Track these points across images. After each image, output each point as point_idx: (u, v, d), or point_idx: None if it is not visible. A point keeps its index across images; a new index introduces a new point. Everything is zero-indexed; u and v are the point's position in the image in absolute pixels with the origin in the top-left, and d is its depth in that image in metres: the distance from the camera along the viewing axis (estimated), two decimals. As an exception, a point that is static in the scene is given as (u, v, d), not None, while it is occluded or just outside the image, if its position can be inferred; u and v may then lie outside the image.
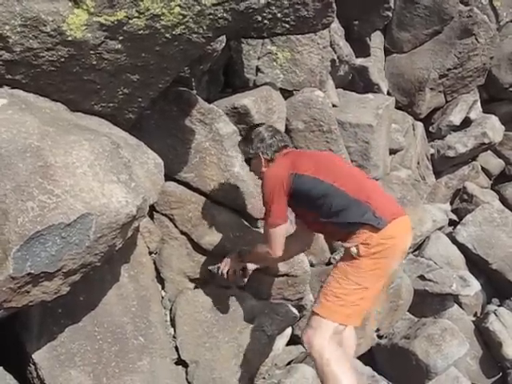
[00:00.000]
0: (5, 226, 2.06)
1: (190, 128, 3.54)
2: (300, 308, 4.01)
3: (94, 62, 2.56)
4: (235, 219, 3.71)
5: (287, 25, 3.44)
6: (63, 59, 2.49)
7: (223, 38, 3.61)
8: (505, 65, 7.34)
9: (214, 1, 2.52)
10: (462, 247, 6.27)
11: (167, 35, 2.57)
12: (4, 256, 2.06)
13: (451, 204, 7.37)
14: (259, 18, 3.14)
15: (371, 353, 5.14)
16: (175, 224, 3.63)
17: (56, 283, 2.30)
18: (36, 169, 2.19)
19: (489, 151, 7.60)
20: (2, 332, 2.71)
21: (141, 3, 2.41)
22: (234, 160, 3.63)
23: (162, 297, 3.62)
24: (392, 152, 5.82)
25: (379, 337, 5.22)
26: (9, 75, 2.49)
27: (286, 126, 4.28)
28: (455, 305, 5.83)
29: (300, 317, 3.97)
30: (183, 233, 3.65)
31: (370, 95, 5.54)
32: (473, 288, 5.61)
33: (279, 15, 3.29)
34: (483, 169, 7.59)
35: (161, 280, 3.63)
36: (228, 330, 3.61)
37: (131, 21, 2.45)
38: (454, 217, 7.06)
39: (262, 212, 3.17)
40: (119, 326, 3.03)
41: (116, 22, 2.44)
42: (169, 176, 3.45)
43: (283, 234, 3.01)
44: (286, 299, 3.90)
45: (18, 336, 2.75)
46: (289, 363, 4.05)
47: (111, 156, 2.45)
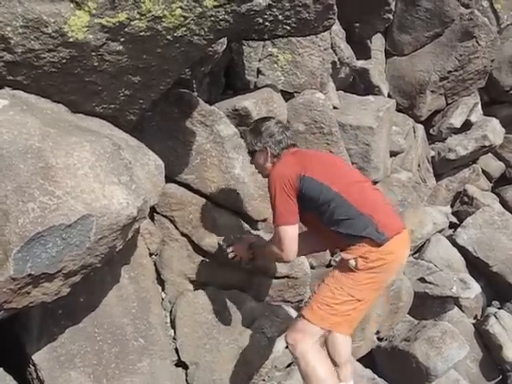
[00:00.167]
0: (5, 227, 2.06)
1: (191, 130, 3.54)
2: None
3: (96, 64, 2.56)
4: (236, 221, 3.70)
5: (288, 27, 3.45)
6: (64, 60, 2.49)
7: (224, 40, 3.62)
8: (505, 67, 7.34)
9: (216, 3, 2.52)
10: (463, 250, 6.26)
11: (168, 37, 2.57)
12: (4, 257, 2.06)
13: (452, 206, 7.37)
14: (260, 20, 3.14)
15: (371, 355, 5.15)
16: (176, 226, 3.64)
17: (56, 284, 2.30)
18: (37, 170, 2.19)
19: (489, 154, 7.60)
20: (2, 333, 2.71)
21: (142, 5, 2.41)
22: (235, 162, 3.64)
23: (163, 298, 3.62)
24: (392, 154, 5.81)
25: (379, 339, 5.22)
26: (10, 76, 2.49)
27: (287, 128, 4.27)
28: (455, 307, 5.83)
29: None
30: (184, 234, 3.65)
31: (371, 97, 5.54)
32: (473, 291, 5.62)
33: (280, 17, 3.29)
34: (484, 171, 7.60)
35: (161, 281, 3.64)
36: (228, 332, 3.61)
37: (133, 22, 2.45)
38: (455, 219, 7.06)
39: (265, 213, 3.13)
40: (119, 328, 3.03)
41: (117, 24, 2.44)
42: (169, 178, 3.46)
43: (295, 236, 2.88)
44: (287, 301, 3.90)
45: (18, 337, 2.75)
46: (289, 365, 4.03)
47: (112, 157, 2.45)
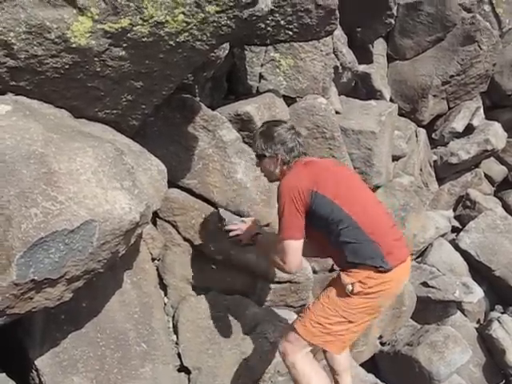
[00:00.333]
0: (8, 233, 2.07)
1: (194, 135, 3.54)
2: (303, 315, 4.00)
3: (98, 69, 2.57)
4: (238, 226, 3.70)
5: (290, 32, 3.46)
6: (67, 66, 2.49)
7: (226, 45, 3.62)
8: (507, 71, 7.36)
9: (218, 8, 2.52)
10: (465, 254, 6.26)
11: (171, 42, 2.58)
12: (7, 262, 2.06)
13: (454, 211, 7.38)
14: (263, 26, 3.16)
15: (374, 360, 5.14)
16: (178, 230, 3.63)
17: (59, 289, 2.30)
18: (40, 175, 2.19)
19: (492, 158, 7.62)
20: (5, 338, 2.71)
21: (145, 10, 2.42)
22: (237, 167, 3.64)
23: (165, 303, 3.62)
24: (395, 159, 5.82)
25: (382, 344, 5.21)
26: (13, 82, 2.49)
27: (290, 133, 4.28)
28: (458, 312, 5.83)
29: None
30: (186, 239, 3.64)
31: (373, 102, 5.55)
32: (476, 295, 5.61)
33: (282, 22, 3.31)
34: (486, 175, 7.60)
35: (163, 286, 3.63)
36: (231, 337, 3.61)
37: (135, 28, 2.46)
38: (457, 223, 7.07)
39: (268, 218, 3.10)
40: (122, 333, 3.03)
41: (120, 30, 2.45)
42: (172, 182, 3.45)
43: (299, 251, 2.83)
44: (289, 306, 3.90)
45: (21, 342, 2.75)
46: (291, 370, 4.03)
47: (115, 163, 2.45)
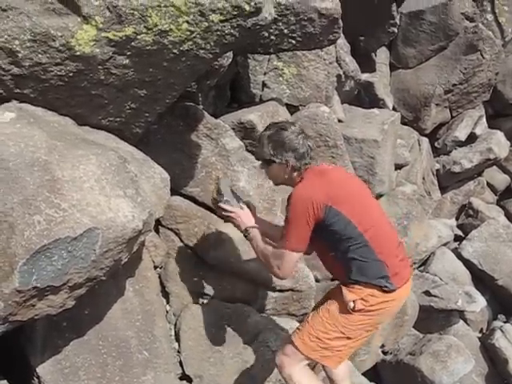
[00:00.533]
0: (11, 240, 2.07)
1: (197, 143, 3.55)
2: (305, 323, 3.99)
3: (102, 77, 2.58)
4: (240, 234, 3.68)
5: (294, 41, 3.47)
6: (71, 74, 2.51)
7: (230, 54, 3.63)
8: (510, 80, 7.37)
9: (222, 17, 2.53)
10: (468, 263, 6.24)
11: (175, 51, 2.59)
12: (10, 269, 2.06)
13: (457, 219, 7.36)
14: (266, 34, 3.17)
15: (376, 369, 5.11)
16: (181, 238, 3.63)
17: (61, 297, 2.30)
18: (43, 183, 2.19)
19: (494, 167, 7.61)
20: (7, 345, 2.70)
21: (149, 19, 2.43)
22: (240, 175, 3.64)
23: (167, 311, 3.61)
24: (397, 167, 5.83)
25: (384, 353, 5.19)
26: (17, 89, 2.51)
27: (292, 141, 4.28)
28: (461, 321, 5.79)
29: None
30: (188, 247, 3.65)
31: (376, 110, 5.56)
32: (478, 304, 5.59)
33: (286, 31, 3.32)
34: (489, 184, 7.59)
35: (166, 294, 3.63)
36: (232, 346, 3.59)
37: (139, 36, 2.47)
38: (460, 232, 7.04)
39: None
40: (124, 340, 3.02)
41: (124, 38, 2.46)
42: (175, 190, 3.46)
43: (298, 261, 2.86)
44: (291, 314, 3.89)
45: (23, 349, 2.74)
46: (293, 379, 4.01)
47: (118, 170, 2.46)
